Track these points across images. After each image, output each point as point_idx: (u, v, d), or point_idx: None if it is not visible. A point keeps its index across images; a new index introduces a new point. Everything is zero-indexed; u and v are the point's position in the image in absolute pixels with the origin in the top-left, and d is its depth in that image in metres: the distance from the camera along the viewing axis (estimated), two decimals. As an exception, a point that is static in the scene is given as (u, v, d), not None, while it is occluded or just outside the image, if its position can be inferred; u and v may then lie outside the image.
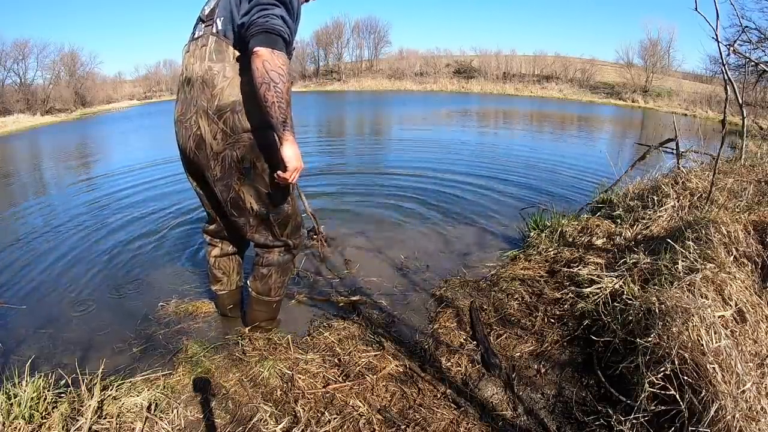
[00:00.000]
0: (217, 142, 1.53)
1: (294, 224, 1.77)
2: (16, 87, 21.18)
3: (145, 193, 4.32)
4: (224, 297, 2.01)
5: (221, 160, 1.55)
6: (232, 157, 1.54)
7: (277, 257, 1.79)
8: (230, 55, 1.49)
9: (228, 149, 1.53)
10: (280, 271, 1.81)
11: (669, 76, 23.78)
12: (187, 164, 1.70)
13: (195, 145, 1.56)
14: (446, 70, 29.58)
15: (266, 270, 1.79)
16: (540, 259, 2.42)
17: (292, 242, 1.79)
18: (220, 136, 1.52)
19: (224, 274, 1.98)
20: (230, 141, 1.52)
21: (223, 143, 1.53)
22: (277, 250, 1.79)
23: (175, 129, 1.65)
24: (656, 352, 1.32)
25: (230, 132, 1.51)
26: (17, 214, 3.92)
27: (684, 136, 4.04)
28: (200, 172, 1.65)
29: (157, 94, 30.74)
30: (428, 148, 6.63)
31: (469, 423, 1.35)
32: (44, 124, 16.90)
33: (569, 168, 5.34)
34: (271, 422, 1.36)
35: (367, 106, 16.58)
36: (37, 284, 2.43)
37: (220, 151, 1.54)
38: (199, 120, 1.53)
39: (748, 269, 1.75)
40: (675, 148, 3.30)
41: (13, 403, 1.29)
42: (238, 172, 1.57)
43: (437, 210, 3.57)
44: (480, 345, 1.70)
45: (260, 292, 1.83)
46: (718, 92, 16.02)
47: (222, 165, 1.56)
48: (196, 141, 1.55)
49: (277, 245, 1.77)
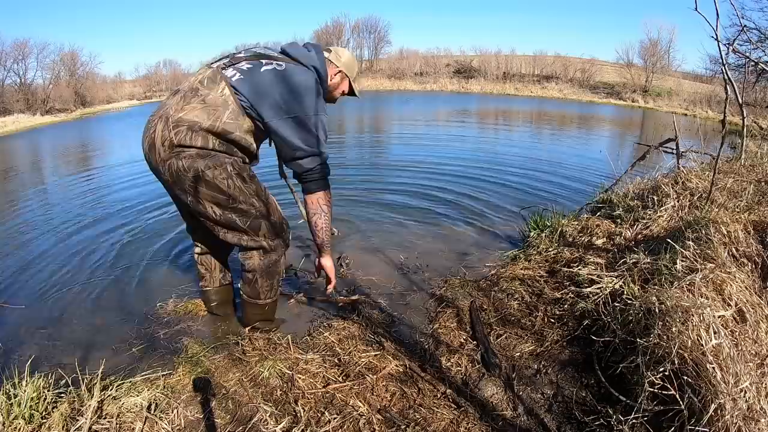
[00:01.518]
0: (164, 149, 1.52)
1: (269, 225, 1.68)
2: (16, 87, 21.14)
3: (145, 191, 4.31)
4: (209, 293, 2.01)
5: (168, 167, 1.54)
6: (178, 166, 1.52)
7: (258, 261, 1.71)
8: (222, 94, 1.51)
9: (173, 158, 1.52)
10: (265, 275, 1.75)
11: (669, 76, 23.76)
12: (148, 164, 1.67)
13: (148, 147, 1.57)
14: (446, 70, 29.54)
15: (251, 275, 1.75)
16: (540, 259, 2.42)
17: (267, 244, 1.70)
18: (167, 143, 1.51)
19: (207, 271, 1.97)
20: (175, 151, 1.52)
21: (169, 151, 1.52)
22: (256, 254, 1.71)
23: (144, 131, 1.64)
24: (656, 352, 1.32)
25: (176, 144, 1.51)
26: (17, 213, 3.92)
27: (684, 136, 4.04)
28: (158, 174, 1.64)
29: (157, 94, 30.69)
30: (428, 148, 6.63)
31: (469, 423, 1.35)
32: (44, 124, 16.89)
33: (569, 168, 5.34)
34: (271, 422, 1.36)
35: (367, 106, 16.57)
36: (37, 284, 2.43)
37: (166, 158, 1.53)
38: (158, 123, 1.54)
39: (748, 269, 1.75)
40: (675, 148, 3.30)
41: (13, 403, 1.29)
42: (188, 180, 1.54)
43: (437, 210, 3.57)
44: (480, 345, 1.70)
45: (250, 295, 1.81)
46: (718, 92, 16.03)
47: (170, 172, 1.54)
48: (149, 143, 1.56)
49: (252, 247, 1.70)
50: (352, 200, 3.82)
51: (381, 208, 3.61)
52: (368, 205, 3.70)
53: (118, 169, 5.83)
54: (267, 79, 1.51)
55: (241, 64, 1.55)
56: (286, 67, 1.54)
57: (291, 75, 1.53)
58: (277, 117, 1.53)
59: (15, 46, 21.31)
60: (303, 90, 1.53)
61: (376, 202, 3.78)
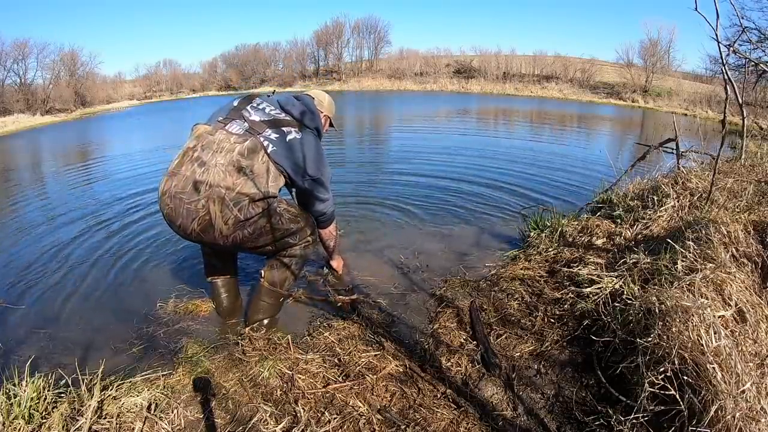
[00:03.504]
0: (228, 227, 1.66)
1: (310, 227, 1.91)
2: (16, 87, 21.17)
3: (145, 192, 4.32)
4: (220, 284, 2.07)
5: (233, 239, 1.70)
6: (244, 234, 1.71)
7: (300, 251, 1.91)
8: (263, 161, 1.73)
9: (239, 230, 1.68)
10: (300, 263, 1.95)
11: (669, 76, 23.74)
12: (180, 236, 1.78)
13: (200, 228, 1.67)
14: (446, 70, 29.57)
15: (288, 260, 1.90)
16: (540, 259, 2.41)
17: (311, 238, 1.93)
18: (231, 221, 1.65)
19: (219, 260, 2.06)
20: (240, 224, 1.67)
21: (234, 228, 1.66)
22: (299, 246, 1.90)
23: (167, 202, 1.67)
24: (656, 352, 1.32)
25: (243, 219, 1.67)
26: (17, 213, 3.92)
27: (684, 136, 4.04)
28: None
29: (156, 94, 30.76)
30: (427, 148, 6.62)
31: (469, 423, 1.35)
32: (44, 123, 16.90)
33: (569, 168, 5.33)
34: (271, 422, 1.36)
35: (366, 106, 16.58)
36: (37, 284, 2.43)
37: (231, 233, 1.67)
38: (210, 205, 1.63)
39: (748, 269, 1.75)
40: (675, 148, 3.30)
41: (13, 403, 1.29)
42: (250, 240, 1.74)
43: (437, 210, 3.57)
44: (480, 345, 1.70)
45: (274, 282, 1.90)
46: (718, 92, 16.02)
47: (234, 241, 1.71)
48: (203, 225, 1.65)
49: (299, 244, 1.89)
50: (352, 200, 3.82)
51: (381, 208, 3.61)
52: (368, 205, 3.69)
53: (119, 169, 5.83)
54: (292, 148, 1.80)
55: (267, 132, 1.78)
56: (303, 137, 1.84)
57: (306, 143, 1.84)
58: (303, 179, 1.84)
59: (15, 46, 21.36)
60: (316, 154, 1.86)
61: (375, 202, 3.78)
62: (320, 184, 1.90)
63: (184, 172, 1.67)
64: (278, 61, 34.40)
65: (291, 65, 33.78)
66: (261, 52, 34.22)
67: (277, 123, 1.83)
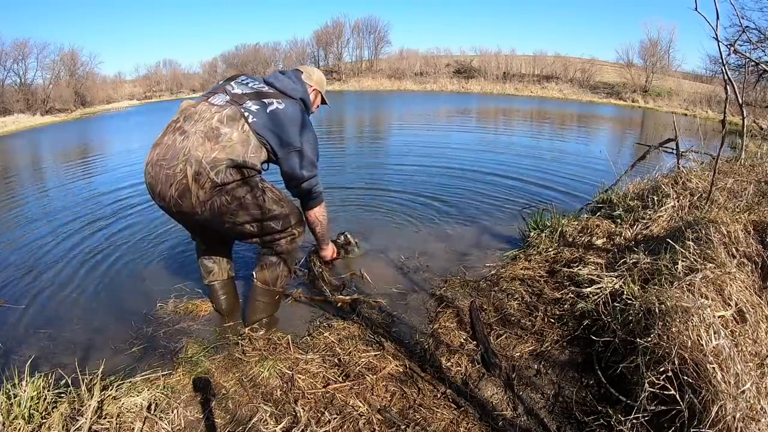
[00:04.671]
0: (204, 191, 1.62)
1: (295, 216, 1.87)
2: (16, 87, 21.16)
3: (145, 192, 4.31)
4: (216, 287, 2.05)
5: (209, 206, 1.65)
6: (221, 201, 1.66)
7: (287, 245, 1.88)
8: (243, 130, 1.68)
9: (216, 196, 1.64)
10: (289, 259, 1.92)
11: (669, 76, 23.73)
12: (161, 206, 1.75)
13: (178, 194, 1.63)
14: (446, 70, 29.54)
15: (275, 258, 1.88)
16: (540, 259, 2.41)
17: (297, 231, 1.89)
18: (208, 185, 1.61)
19: (214, 263, 2.03)
20: (217, 189, 1.63)
21: (210, 192, 1.62)
22: (285, 240, 1.87)
23: (149, 171, 1.67)
24: (656, 352, 1.32)
25: (220, 183, 1.62)
26: (16, 213, 3.92)
27: (684, 136, 4.04)
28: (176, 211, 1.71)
29: (156, 93, 30.74)
30: (427, 147, 6.62)
31: (469, 423, 1.35)
32: (44, 124, 16.90)
33: (569, 168, 5.33)
34: (271, 422, 1.36)
35: (366, 106, 16.58)
36: (37, 284, 2.43)
37: (207, 199, 1.63)
38: (188, 168, 1.60)
39: (748, 269, 1.75)
40: (675, 148, 3.30)
41: (13, 403, 1.29)
42: (230, 211, 1.69)
43: (437, 210, 3.57)
44: (480, 345, 1.70)
45: (267, 281, 1.89)
46: (718, 92, 16.02)
47: (212, 209, 1.66)
48: (180, 189, 1.62)
49: (284, 236, 1.86)
50: (352, 201, 3.82)
51: (380, 208, 3.61)
52: (368, 205, 3.69)
53: (118, 169, 5.83)
54: (274, 118, 1.74)
55: (248, 104, 1.73)
56: (285, 107, 1.77)
57: (288, 113, 1.78)
58: (286, 152, 1.78)
59: (15, 46, 21.35)
60: (299, 125, 1.80)
61: (375, 202, 3.77)
62: (303, 158, 1.82)
63: (166, 141, 1.67)
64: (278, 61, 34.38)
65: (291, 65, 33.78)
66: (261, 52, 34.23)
67: (259, 95, 1.78)
